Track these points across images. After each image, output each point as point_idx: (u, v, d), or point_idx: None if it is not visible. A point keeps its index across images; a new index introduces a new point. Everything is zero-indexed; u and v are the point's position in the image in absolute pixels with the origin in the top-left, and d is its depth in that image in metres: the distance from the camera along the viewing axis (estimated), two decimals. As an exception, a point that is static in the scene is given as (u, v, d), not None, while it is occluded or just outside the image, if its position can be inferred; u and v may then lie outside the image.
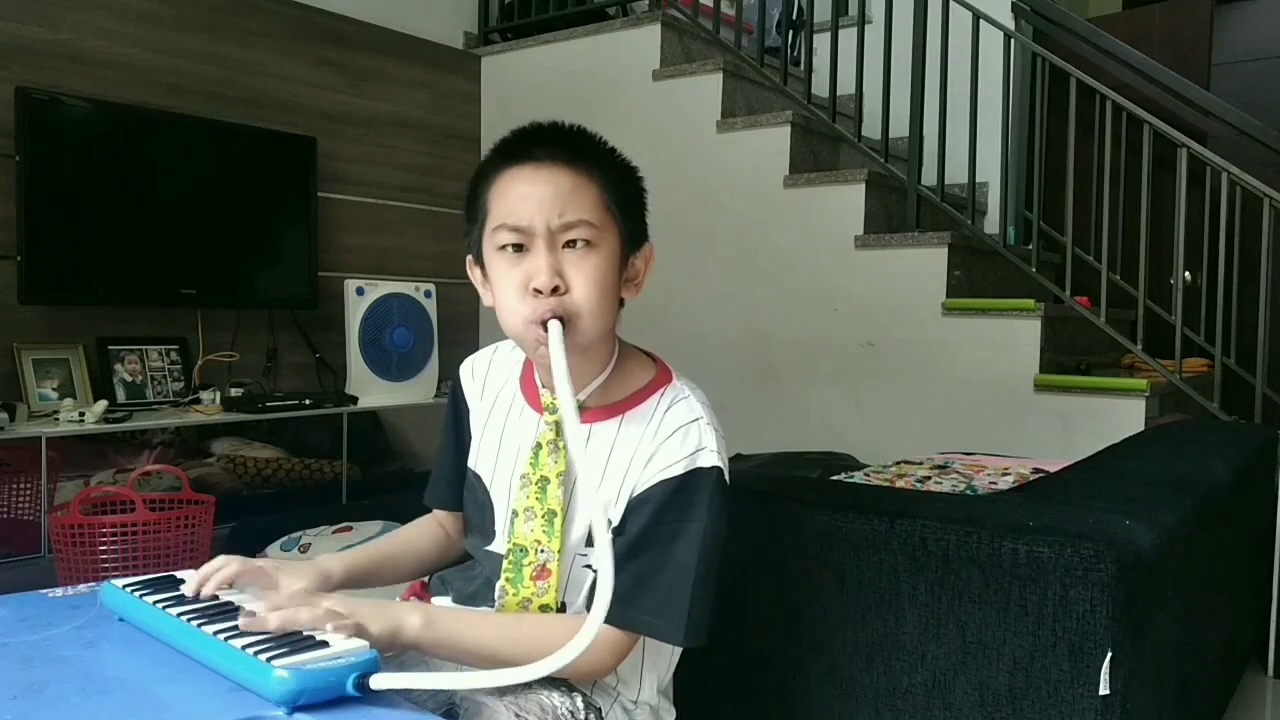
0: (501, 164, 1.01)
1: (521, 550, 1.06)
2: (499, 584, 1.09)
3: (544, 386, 1.09)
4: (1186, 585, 1.41)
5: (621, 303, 1.08)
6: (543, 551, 1.05)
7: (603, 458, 1.04)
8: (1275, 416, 2.87)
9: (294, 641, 0.82)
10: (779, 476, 2.02)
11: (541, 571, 1.05)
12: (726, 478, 1.02)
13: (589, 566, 1.04)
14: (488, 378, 1.19)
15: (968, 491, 1.96)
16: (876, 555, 1.22)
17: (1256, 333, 2.72)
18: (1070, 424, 2.70)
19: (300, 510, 2.81)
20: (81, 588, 1.06)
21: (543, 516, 1.05)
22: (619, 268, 1.03)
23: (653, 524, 0.99)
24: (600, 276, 0.99)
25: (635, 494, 1.01)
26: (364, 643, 0.83)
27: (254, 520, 2.71)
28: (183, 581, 1.00)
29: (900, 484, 2.06)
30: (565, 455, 1.05)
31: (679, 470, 1.00)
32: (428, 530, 1.24)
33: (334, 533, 2.53)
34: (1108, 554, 1.07)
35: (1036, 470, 2.10)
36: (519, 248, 0.99)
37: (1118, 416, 2.63)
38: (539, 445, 1.07)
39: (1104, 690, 1.06)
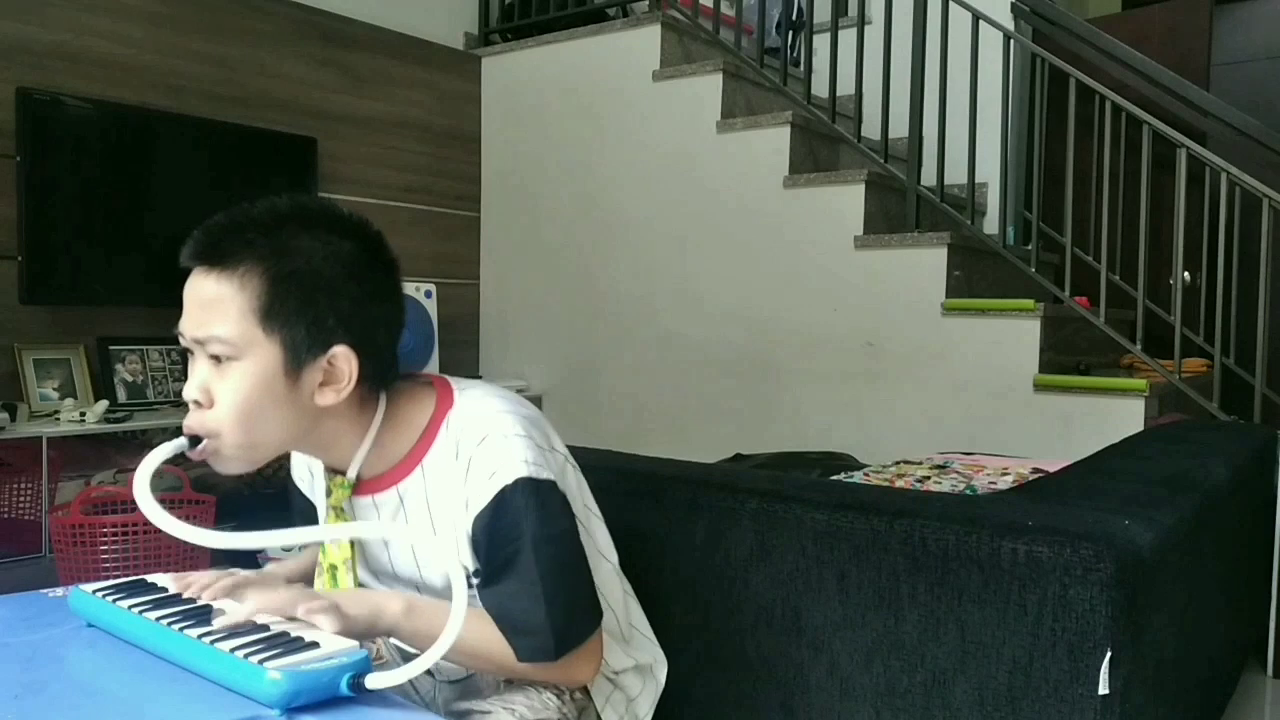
0: (184, 263, 0.97)
1: (334, 567, 1.07)
2: None
3: (325, 471, 1.06)
4: (1186, 585, 1.41)
5: (375, 367, 0.99)
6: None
7: (420, 517, 1.02)
8: (1274, 416, 2.87)
9: (284, 643, 0.82)
10: (779, 476, 2.02)
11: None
12: (543, 474, 0.98)
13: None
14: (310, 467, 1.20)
15: (967, 491, 1.96)
16: (876, 555, 1.22)
17: (1256, 333, 2.72)
18: (1070, 424, 2.70)
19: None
20: (82, 588, 1.06)
21: None
22: (281, 380, 0.93)
23: (488, 559, 0.98)
24: (245, 394, 0.92)
25: (469, 533, 1.00)
26: (355, 643, 0.83)
27: (255, 520, 2.71)
28: (154, 585, 0.98)
29: (900, 484, 2.07)
30: (347, 542, 1.05)
31: (486, 500, 0.97)
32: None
33: (334, 533, 2.53)
34: (1107, 554, 1.07)
35: (1036, 470, 2.10)
36: (191, 353, 0.96)
37: (1117, 416, 2.63)
38: (322, 543, 1.07)
39: (1103, 690, 1.07)
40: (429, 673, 1.16)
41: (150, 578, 1.01)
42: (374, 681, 0.78)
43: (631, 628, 1.19)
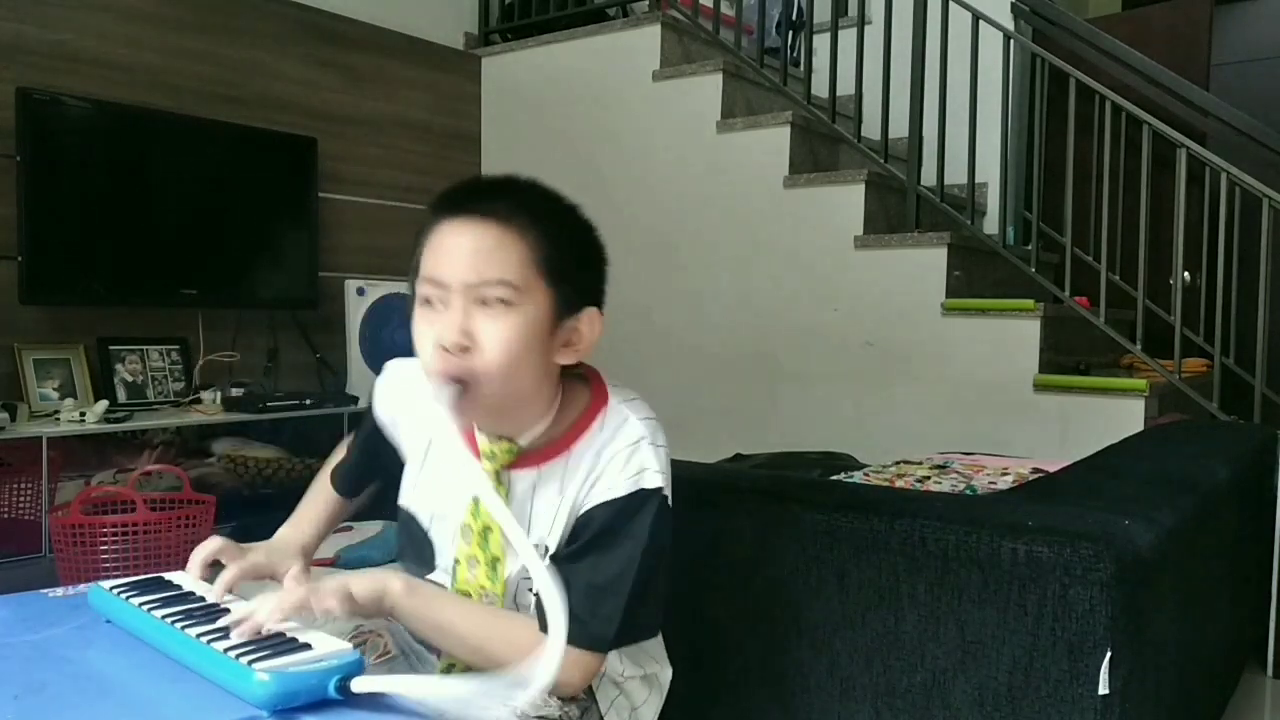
0: (437, 217, 0.99)
1: (466, 595, 1.07)
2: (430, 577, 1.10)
3: (480, 430, 1.05)
4: (1186, 585, 1.41)
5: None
6: (486, 597, 1.06)
7: (549, 499, 1.03)
8: (1274, 416, 2.87)
9: (277, 644, 0.82)
10: (779, 476, 2.02)
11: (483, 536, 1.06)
12: (669, 499, 1.01)
13: (531, 590, 1.03)
14: (414, 404, 1.12)
15: (967, 491, 1.96)
16: (876, 555, 1.22)
17: (1256, 333, 2.72)
18: (1069, 424, 2.70)
19: (300, 510, 2.81)
20: (82, 588, 1.06)
21: (486, 564, 1.05)
22: (545, 331, 0.97)
23: (591, 541, 0.99)
24: (513, 340, 0.94)
25: (579, 515, 1.01)
26: (347, 645, 0.83)
27: (255, 520, 2.71)
28: (170, 583, 1.00)
29: (900, 484, 2.07)
30: (507, 500, 1.04)
31: (622, 492, 0.99)
32: (331, 498, 1.26)
33: (334, 533, 2.53)
34: (1107, 554, 1.07)
35: (1036, 470, 2.10)
36: (438, 303, 0.96)
37: (1117, 416, 2.63)
38: (477, 497, 1.06)
39: (1103, 690, 1.07)
40: (432, 657, 1.17)
41: (169, 575, 1.02)
42: (360, 685, 0.79)
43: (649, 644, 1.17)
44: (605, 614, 0.98)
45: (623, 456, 1.00)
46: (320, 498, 1.28)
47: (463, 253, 0.95)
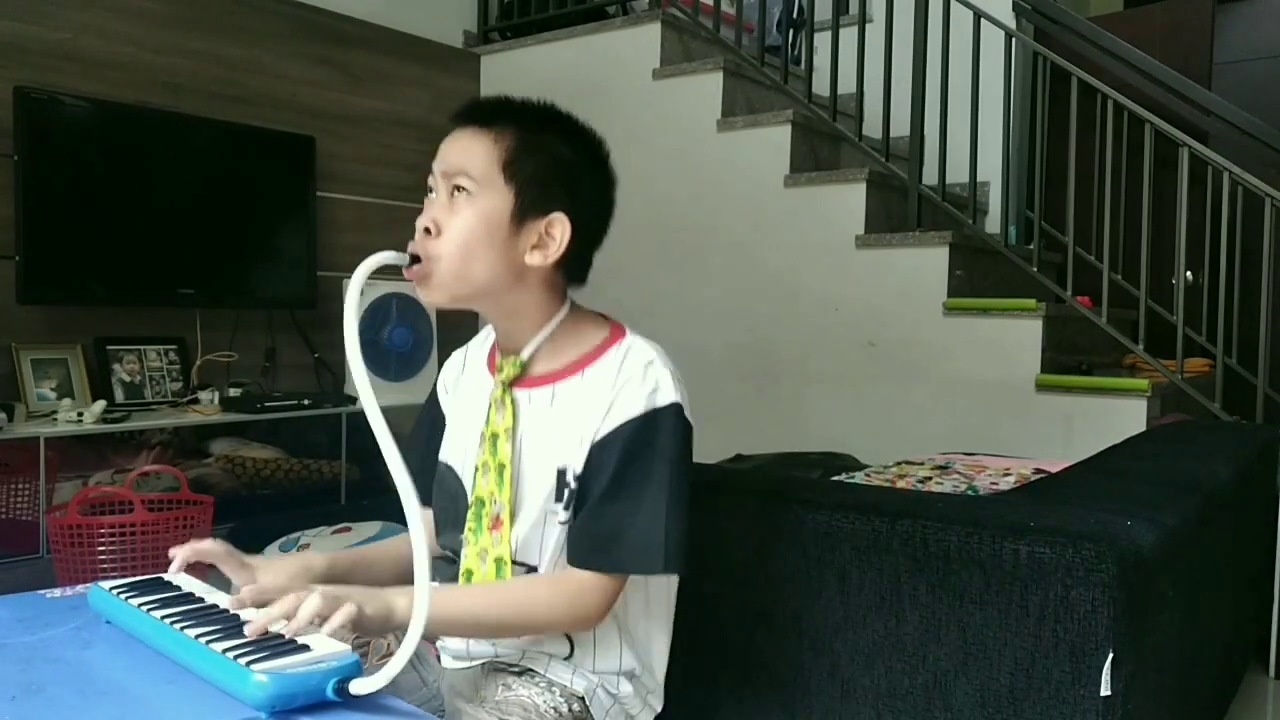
0: (452, 124, 1.09)
1: (480, 503, 1.10)
2: (463, 535, 1.12)
3: (501, 352, 1.13)
4: (1188, 586, 1.41)
5: (574, 266, 1.10)
6: (496, 503, 1.09)
7: (567, 414, 1.08)
8: (1277, 416, 2.87)
9: (275, 645, 0.82)
10: (780, 477, 2.01)
11: (495, 522, 1.09)
12: (687, 414, 1.07)
13: (563, 523, 1.07)
14: (465, 368, 1.24)
15: (969, 492, 1.96)
16: (877, 556, 1.22)
17: (1258, 333, 2.71)
18: (1072, 424, 2.70)
19: (299, 510, 2.81)
20: (80, 588, 1.06)
21: (495, 470, 1.09)
22: (504, 226, 1.04)
23: (621, 467, 1.03)
24: (467, 228, 1.03)
25: (597, 439, 1.05)
26: (346, 646, 0.83)
27: (253, 520, 2.71)
28: (170, 584, 1.00)
29: (901, 484, 2.06)
30: (513, 411, 1.09)
31: (638, 410, 1.04)
32: (403, 537, 1.24)
33: (333, 533, 2.53)
34: (1109, 555, 1.07)
35: (1038, 470, 2.10)
36: (431, 193, 1.07)
37: (1119, 417, 2.62)
38: (490, 404, 1.11)
39: (1105, 691, 1.06)
40: (438, 655, 1.17)
41: (168, 576, 1.02)
42: (358, 687, 0.78)
43: (657, 636, 1.17)
44: (645, 535, 1.02)
45: (637, 378, 1.06)
46: (372, 548, 1.27)
47: (447, 151, 1.06)
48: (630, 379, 1.06)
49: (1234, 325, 2.88)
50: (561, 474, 1.07)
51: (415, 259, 1.04)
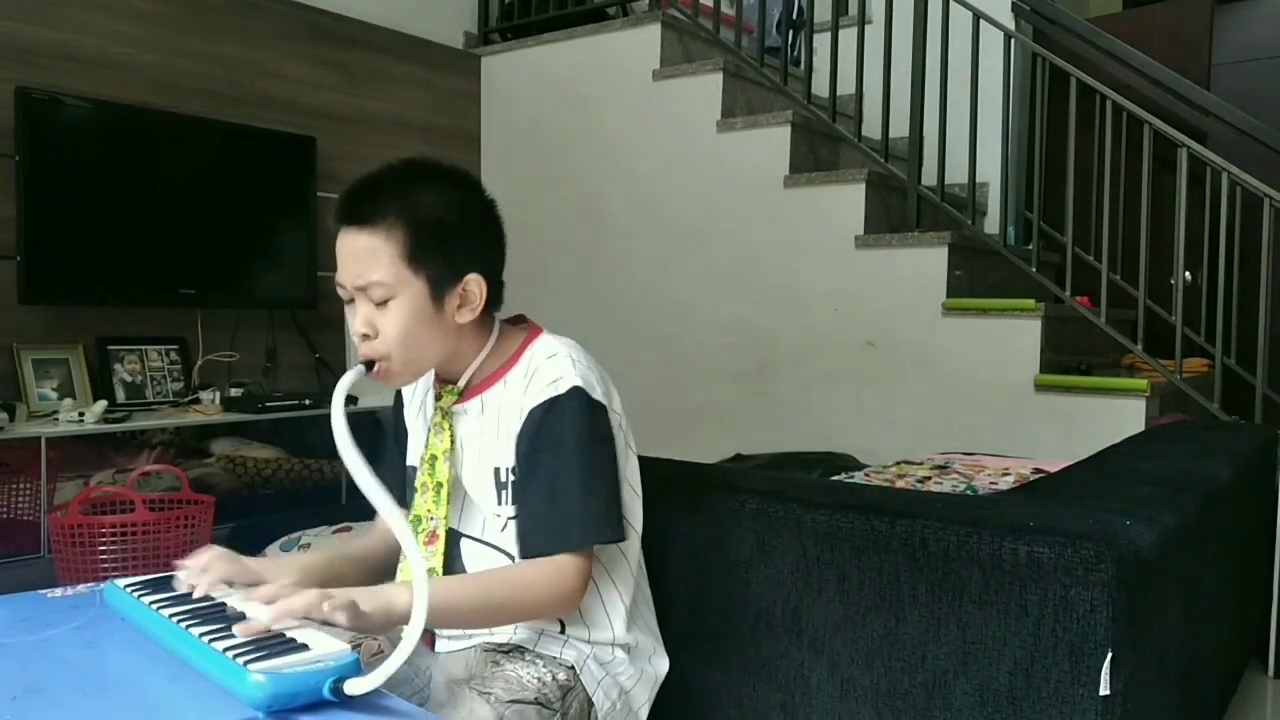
0: (335, 225, 1.15)
1: (418, 520, 1.19)
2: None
3: (440, 381, 1.22)
4: (1187, 585, 1.41)
5: (496, 301, 1.19)
6: (432, 519, 1.18)
7: (493, 418, 1.17)
8: (1276, 416, 2.87)
9: (274, 645, 0.82)
10: (779, 476, 2.01)
11: (431, 537, 1.18)
12: (595, 395, 1.13)
13: (511, 518, 1.15)
14: (415, 388, 1.32)
15: (968, 492, 1.96)
16: (877, 555, 1.22)
17: (1257, 333, 2.72)
18: (1071, 424, 2.70)
19: (300, 510, 2.81)
20: (81, 588, 1.06)
21: (433, 489, 1.18)
22: (430, 309, 1.12)
23: (530, 453, 1.12)
24: (404, 323, 1.10)
25: (517, 434, 1.13)
26: (344, 646, 0.83)
27: (254, 520, 2.71)
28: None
29: (900, 484, 2.06)
30: (450, 434, 1.18)
31: (542, 399, 1.12)
32: (378, 534, 1.29)
33: (334, 533, 2.53)
34: (1108, 554, 1.07)
35: (1037, 470, 2.10)
36: (348, 299, 1.15)
37: (1118, 416, 2.63)
38: (429, 428, 1.21)
39: (1104, 691, 1.06)
40: (432, 642, 1.19)
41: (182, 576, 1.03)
42: (354, 686, 0.78)
43: (639, 599, 1.24)
44: (565, 514, 1.08)
45: (540, 373, 1.14)
46: (349, 544, 1.33)
47: (347, 259, 1.13)
48: (536, 372, 1.14)
49: (1233, 325, 2.88)
50: (497, 472, 1.16)
51: (370, 364, 1.12)
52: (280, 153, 3.26)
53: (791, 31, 4.28)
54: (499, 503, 1.15)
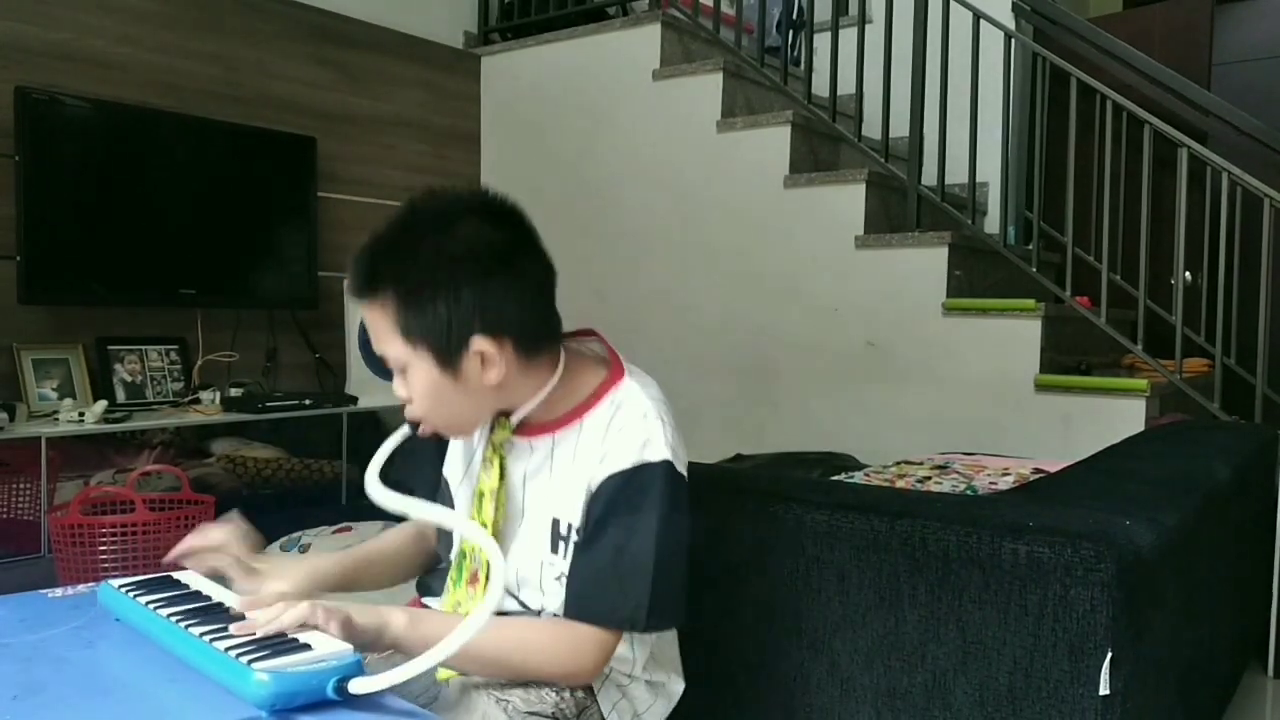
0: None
1: (464, 555, 1.13)
2: (447, 580, 1.14)
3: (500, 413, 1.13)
4: (1187, 585, 1.41)
5: (546, 339, 1.09)
6: (476, 560, 1.11)
7: (565, 464, 1.09)
8: (1276, 416, 2.87)
9: (277, 644, 0.82)
10: (779, 476, 2.01)
11: (473, 578, 1.10)
12: (680, 468, 1.06)
13: (558, 577, 1.07)
14: None
15: (968, 492, 1.96)
16: (877, 555, 1.22)
17: (1257, 333, 2.72)
18: (1070, 424, 2.70)
19: (300, 510, 2.81)
20: (81, 588, 1.06)
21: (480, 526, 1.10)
22: (443, 378, 1.03)
23: (605, 517, 1.03)
24: (425, 393, 1.04)
25: (591, 490, 1.05)
26: (347, 646, 0.83)
27: (254, 520, 2.70)
28: (178, 582, 1.01)
29: (900, 484, 2.06)
30: (498, 471, 1.10)
31: (628, 464, 1.03)
32: (407, 534, 1.27)
33: (334, 533, 2.53)
34: (1108, 554, 1.07)
35: (1037, 470, 2.10)
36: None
37: (1118, 416, 2.63)
38: (482, 461, 1.13)
39: (1104, 690, 1.06)
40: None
41: (177, 574, 1.03)
42: (358, 686, 0.78)
43: (660, 644, 1.18)
44: (628, 590, 1.01)
45: (630, 430, 1.05)
46: (372, 543, 1.28)
47: (371, 333, 1.07)
48: (623, 429, 1.05)
49: (1233, 325, 2.88)
50: (556, 524, 1.08)
51: (414, 425, 1.09)
52: (280, 153, 3.26)
53: (791, 31, 4.28)
54: (553, 551, 1.08)
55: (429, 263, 1.02)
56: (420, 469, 1.24)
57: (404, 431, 1.10)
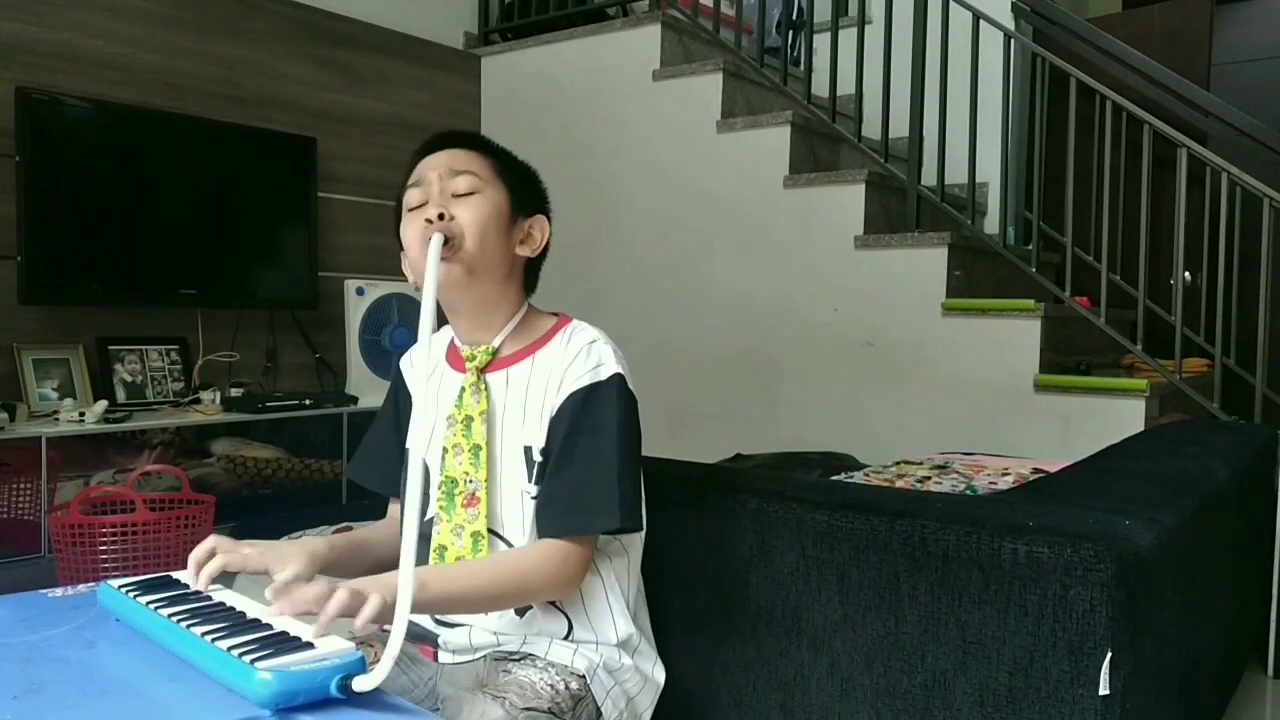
0: (416, 158, 1.22)
1: (452, 482, 1.19)
2: (432, 515, 1.20)
3: (462, 343, 1.23)
4: (1186, 585, 1.41)
5: (533, 269, 1.24)
6: (471, 481, 1.17)
7: (522, 393, 1.18)
8: (1275, 416, 2.87)
9: (280, 643, 0.82)
10: (779, 476, 2.01)
11: (471, 499, 1.17)
12: (630, 385, 1.17)
13: (534, 498, 1.15)
14: (413, 365, 1.33)
15: (968, 491, 1.96)
16: (876, 555, 1.22)
17: (1256, 333, 2.72)
18: (1070, 424, 2.70)
19: (300, 510, 2.81)
20: (81, 588, 1.06)
21: (469, 451, 1.18)
22: (506, 220, 1.18)
23: (570, 434, 1.13)
24: (482, 215, 1.16)
25: (552, 414, 1.15)
26: (349, 644, 0.83)
27: (254, 520, 2.71)
28: (178, 582, 1.01)
29: (900, 484, 2.07)
30: (486, 396, 1.18)
31: (584, 383, 1.14)
32: (394, 525, 1.30)
33: (334, 532, 2.53)
34: (1108, 554, 1.07)
35: (1036, 470, 2.10)
36: (421, 199, 1.17)
37: (1118, 417, 2.63)
38: (463, 389, 1.20)
39: (1104, 690, 1.06)
40: (435, 654, 1.18)
41: (176, 574, 1.03)
42: (361, 684, 0.79)
43: (639, 598, 1.25)
44: (600, 496, 1.10)
45: (581, 356, 1.16)
46: (361, 529, 1.31)
47: (435, 162, 1.19)
48: (575, 356, 1.16)
49: (1232, 325, 2.88)
50: (528, 451, 1.16)
51: (446, 239, 1.13)
52: (281, 153, 3.27)
53: (791, 32, 4.28)
54: (529, 480, 1.16)
55: (526, 165, 1.27)
56: (384, 467, 1.31)
57: (439, 239, 1.12)
